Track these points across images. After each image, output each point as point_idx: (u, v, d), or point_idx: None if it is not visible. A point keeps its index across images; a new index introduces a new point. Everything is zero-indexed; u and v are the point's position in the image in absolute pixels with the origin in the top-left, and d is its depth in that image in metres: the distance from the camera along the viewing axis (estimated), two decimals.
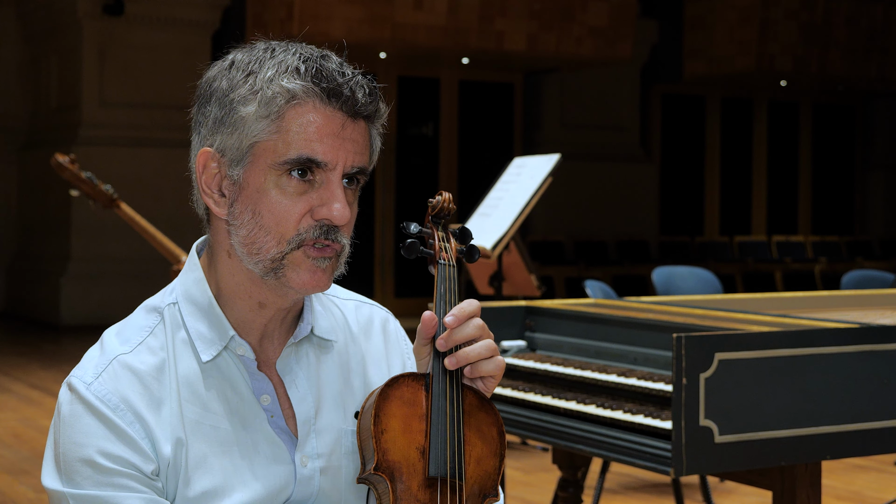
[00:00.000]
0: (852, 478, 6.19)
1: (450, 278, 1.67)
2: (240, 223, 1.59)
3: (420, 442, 1.60)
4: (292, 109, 1.56)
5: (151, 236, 5.40)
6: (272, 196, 1.57)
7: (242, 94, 1.57)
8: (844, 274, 6.79)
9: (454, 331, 1.61)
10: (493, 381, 1.66)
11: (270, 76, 1.57)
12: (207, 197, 1.62)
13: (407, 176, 14.57)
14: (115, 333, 1.65)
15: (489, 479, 1.64)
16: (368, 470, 1.59)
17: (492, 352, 1.63)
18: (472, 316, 1.63)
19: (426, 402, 1.62)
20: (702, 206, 17.28)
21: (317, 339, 1.73)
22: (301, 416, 1.67)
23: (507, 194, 4.75)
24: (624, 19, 13.56)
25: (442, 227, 1.72)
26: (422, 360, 1.69)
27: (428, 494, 1.58)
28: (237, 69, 1.60)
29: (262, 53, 1.60)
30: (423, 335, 1.65)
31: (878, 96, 18.38)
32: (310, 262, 1.59)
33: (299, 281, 1.60)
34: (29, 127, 14.21)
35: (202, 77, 1.65)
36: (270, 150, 1.56)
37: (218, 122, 1.59)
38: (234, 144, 1.58)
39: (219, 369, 1.64)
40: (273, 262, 1.59)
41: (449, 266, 1.68)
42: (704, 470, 2.84)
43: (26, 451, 6.71)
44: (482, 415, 1.65)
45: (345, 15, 12.07)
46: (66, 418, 1.58)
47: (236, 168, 1.58)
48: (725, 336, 2.76)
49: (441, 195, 1.72)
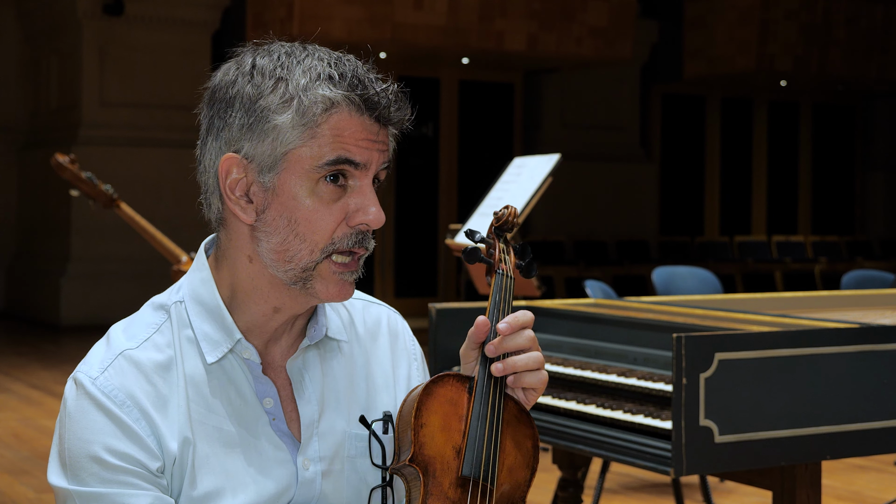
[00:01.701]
0: (852, 478, 6.19)
1: (506, 288, 1.70)
2: (272, 230, 1.59)
3: (457, 441, 1.63)
4: (329, 117, 1.57)
5: (151, 236, 5.40)
6: (308, 204, 1.58)
7: (275, 102, 1.57)
8: (844, 274, 6.79)
9: (506, 338, 1.63)
10: (535, 395, 1.68)
11: (305, 84, 1.57)
12: (233, 203, 1.61)
13: (407, 176, 14.57)
14: (122, 329, 1.65)
15: (518, 489, 1.67)
16: (403, 461, 1.62)
17: (539, 364, 1.65)
18: (525, 327, 1.65)
19: (468, 405, 1.64)
20: (702, 206, 17.28)
21: (324, 342, 1.73)
22: (305, 418, 1.67)
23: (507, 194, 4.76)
24: (624, 19, 13.56)
25: (504, 239, 1.76)
26: (468, 364, 1.70)
27: (458, 494, 1.61)
28: (262, 75, 1.59)
29: (286, 58, 1.60)
30: (473, 339, 1.67)
31: (878, 96, 18.38)
32: (337, 277, 1.61)
33: (328, 293, 1.61)
34: (29, 127, 14.21)
35: (214, 79, 1.64)
36: (306, 156, 1.57)
37: (246, 128, 1.58)
38: (265, 151, 1.58)
39: (224, 371, 1.64)
40: (304, 271, 1.60)
41: (506, 276, 1.71)
42: (704, 470, 2.84)
43: (26, 451, 6.71)
44: (520, 426, 1.67)
45: (345, 15, 12.07)
46: (72, 414, 1.58)
47: (267, 175, 1.58)
48: (725, 336, 2.76)
49: (507, 208, 1.75)
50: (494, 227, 1.75)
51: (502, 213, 1.74)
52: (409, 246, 14.67)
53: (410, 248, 14.68)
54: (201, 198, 1.66)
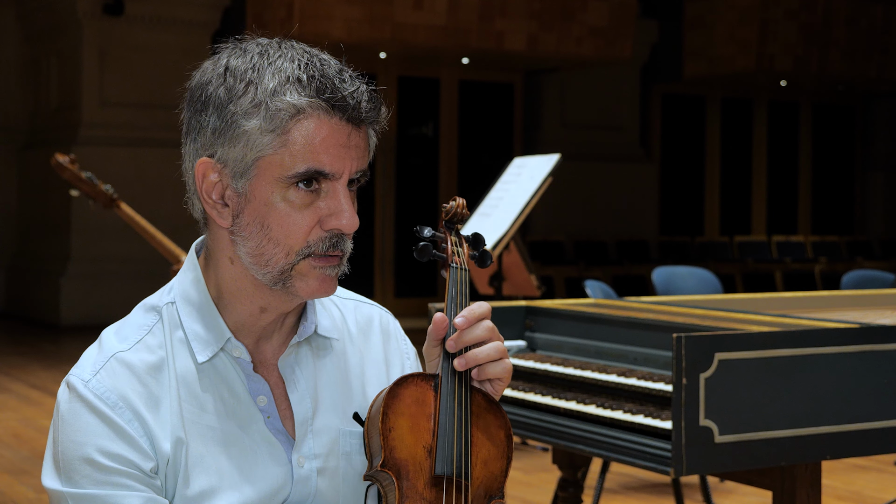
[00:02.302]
0: (852, 478, 6.19)
1: (461, 281, 1.68)
2: (247, 234, 1.59)
3: (427, 441, 1.61)
4: (298, 123, 1.55)
5: (151, 236, 5.41)
6: (280, 209, 1.57)
7: (244, 108, 1.55)
8: (844, 274, 6.79)
9: (464, 332, 1.62)
10: (502, 384, 1.66)
11: (273, 88, 1.55)
12: (210, 207, 1.61)
13: (407, 176, 14.57)
14: (114, 332, 1.65)
15: (495, 480, 1.65)
16: (375, 466, 1.60)
17: (500, 354, 1.64)
18: (482, 318, 1.63)
19: (434, 402, 1.63)
20: (702, 206, 17.28)
21: (316, 340, 1.73)
22: (299, 416, 1.67)
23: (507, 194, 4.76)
24: (624, 19, 13.56)
25: (455, 231, 1.74)
26: (431, 362, 1.69)
27: (434, 493, 1.59)
28: (233, 77, 1.58)
29: (258, 59, 1.58)
30: (433, 336, 1.66)
31: (878, 96, 18.38)
32: (318, 272, 1.60)
33: (308, 289, 1.61)
34: (29, 127, 14.21)
35: (193, 79, 1.63)
36: (276, 163, 1.56)
37: (218, 132, 1.57)
38: (237, 157, 1.57)
39: (215, 370, 1.64)
40: (282, 273, 1.59)
41: (460, 269, 1.70)
42: (704, 470, 2.84)
43: (26, 451, 6.71)
44: (490, 417, 1.65)
45: (345, 15, 12.07)
46: (65, 416, 1.58)
47: (240, 181, 1.58)
48: (725, 336, 2.76)
49: (455, 200, 1.74)
50: (444, 221, 1.73)
51: (451, 205, 1.73)
52: (409, 246, 14.61)
53: (410, 248, 14.64)
54: (186, 197, 1.66)
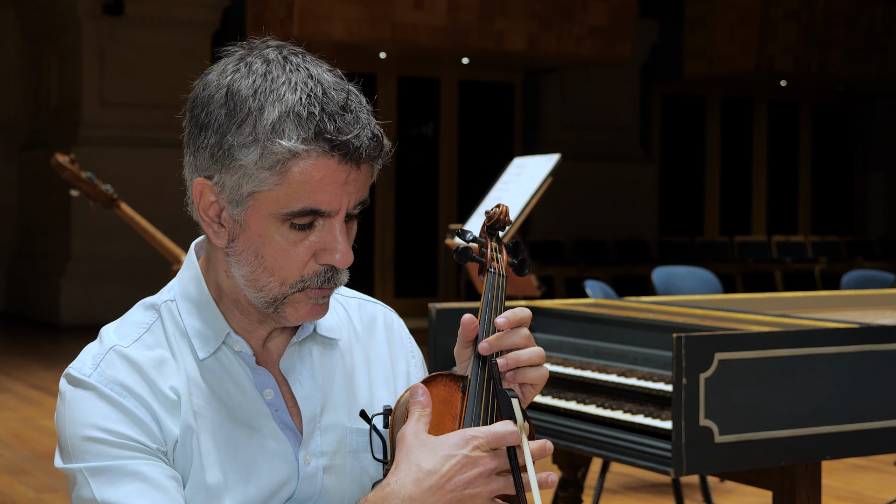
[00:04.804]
0: (852, 478, 6.19)
1: (498, 286, 1.68)
2: (243, 260, 1.59)
3: None
4: (297, 161, 1.53)
5: (151, 236, 5.41)
6: (276, 241, 1.56)
7: (242, 140, 1.53)
8: (844, 274, 6.79)
9: (504, 334, 1.60)
10: (534, 391, 1.65)
11: (272, 124, 1.52)
12: (206, 225, 1.61)
13: (407, 176, 14.57)
14: (114, 329, 1.66)
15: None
16: None
17: (541, 360, 1.62)
18: (523, 323, 1.62)
19: (461, 404, 1.62)
20: (702, 206, 17.28)
21: (321, 338, 1.73)
22: (306, 413, 1.67)
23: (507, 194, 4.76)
24: (624, 19, 13.56)
25: (496, 237, 1.74)
26: (461, 363, 1.68)
27: None
28: (234, 102, 1.55)
29: (262, 83, 1.54)
30: (462, 338, 1.65)
31: (878, 96, 18.38)
32: (311, 302, 1.60)
33: (297, 315, 1.61)
34: (29, 127, 14.21)
35: (196, 89, 1.60)
36: (272, 199, 1.54)
37: (216, 157, 1.56)
38: (233, 186, 1.56)
39: (220, 365, 1.64)
40: (275, 300, 1.59)
41: (499, 275, 1.69)
42: (704, 470, 2.84)
43: (26, 451, 6.71)
44: None
45: (345, 15, 12.07)
46: (70, 403, 1.58)
47: (236, 209, 1.57)
48: (725, 336, 2.76)
49: (499, 207, 1.74)
50: (486, 227, 1.74)
51: (494, 211, 1.73)
52: (408, 246, 14.67)
53: (410, 248, 14.68)
54: (186, 199, 1.65)
